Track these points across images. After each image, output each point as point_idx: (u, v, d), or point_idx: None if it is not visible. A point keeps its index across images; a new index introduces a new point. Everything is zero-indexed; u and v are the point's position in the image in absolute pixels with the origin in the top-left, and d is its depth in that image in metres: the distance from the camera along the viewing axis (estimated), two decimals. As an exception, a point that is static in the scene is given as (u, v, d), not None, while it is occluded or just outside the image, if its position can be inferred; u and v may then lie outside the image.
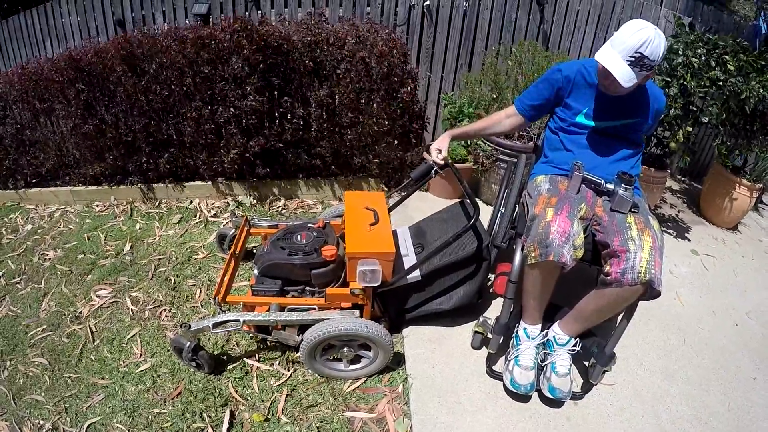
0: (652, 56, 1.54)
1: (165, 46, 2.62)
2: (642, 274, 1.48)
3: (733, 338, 2.20)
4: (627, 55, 1.56)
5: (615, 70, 1.58)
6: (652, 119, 1.83)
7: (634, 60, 1.56)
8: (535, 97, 1.94)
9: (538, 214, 1.63)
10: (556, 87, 1.87)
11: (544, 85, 1.91)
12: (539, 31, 3.40)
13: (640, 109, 1.80)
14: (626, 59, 1.57)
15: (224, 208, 3.04)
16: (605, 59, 1.60)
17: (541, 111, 1.99)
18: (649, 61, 1.55)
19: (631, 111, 1.79)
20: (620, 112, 1.79)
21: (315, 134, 2.87)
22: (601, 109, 1.80)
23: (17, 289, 2.51)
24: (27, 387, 1.93)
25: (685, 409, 1.79)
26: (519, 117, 2.00)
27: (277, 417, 1.72)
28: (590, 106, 1.82)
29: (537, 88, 1.94)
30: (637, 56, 1.55)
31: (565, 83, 1.84)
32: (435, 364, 1.87)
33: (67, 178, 3.27)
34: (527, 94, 1.98)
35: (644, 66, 1.56)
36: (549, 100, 1.92)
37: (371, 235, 1.78)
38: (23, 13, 4.15)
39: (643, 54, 1.54)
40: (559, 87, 1.87)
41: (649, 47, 1.53)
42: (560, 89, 1.87)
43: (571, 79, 1.82)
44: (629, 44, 1.55)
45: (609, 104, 1.78)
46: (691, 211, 3.41)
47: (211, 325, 1.72)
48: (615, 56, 1.58)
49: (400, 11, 3.26)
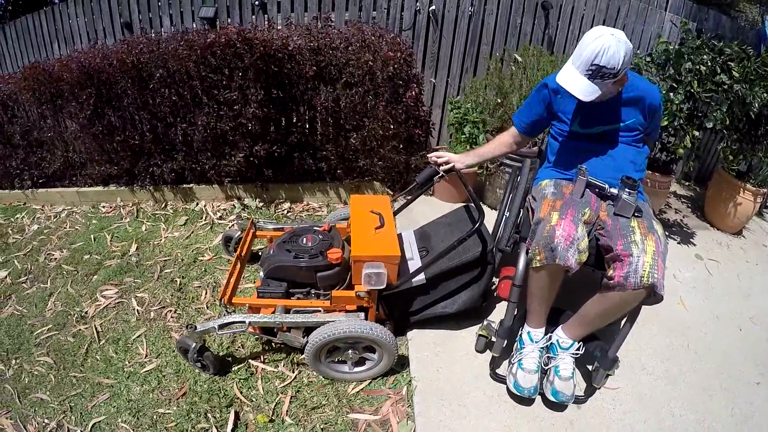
0: (609, 65, 1.53)
1: (171, 53, 2.64)
2: (645, 278, 1.49)
3: (736, 343, 2.20)
4: (584, 70, 1.57)
5: (573, 89, 1.60)
6: (646, 116, 1.80)
7: (592, 72, 1.56)
8: (529, 114, 1.99)
9: (543, 218, 1.64)
10: (546, 102, 1.91)
11: (534, 101, 1.95)
12: (544, 35, 3.41)
13: (630, 110, 1.78)
14: (584, 73, 1.58)
15: (230, 211, 3.06)
16: (562, 79, 1.63)
17: (538, 126, 2.02)
18: (608, 70, 1.55)
19: (621, 113, 1.79)
20: (611, 115, 1.79)
21: (320, 138, 2.89)
22: (592, 116, 1.81)
23: (23, 288, 2.52)
24: (32, 386, 1.95)
25: (688, 414, 1.79)
26: (521, 135, 2.05)
27: (282, 418, 1.72)
28: (581, 114, 1.83)
29: (529, 105, 1.99)
30: (594, 68, 1.55)
31: (553, 96, 1.87)
32: (439, 367, 1.88)
33: (73, 179, 3.30)
34: (521, 112, 2.03)
35: (604, 76, 1.56)
36: (542, 116, 1.96)
37: (377, 239, 1.80)
38: (30, 15, 4.19)
39: (599, 65, 1.54)
40: (548, 102, 1.90)
41: (605, 57, 1.52)
42: (550, 103, 1.90)
43: (558, 90, 1.84)
44: (584, 58, 1.56)
45: (597, 110, 1.79)
46: (696, 216, 3.41)
47: (217, 326, 1.73)
48: (573, 73, 1.60)
49: (406, 16, 3.27)
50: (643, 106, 1.78)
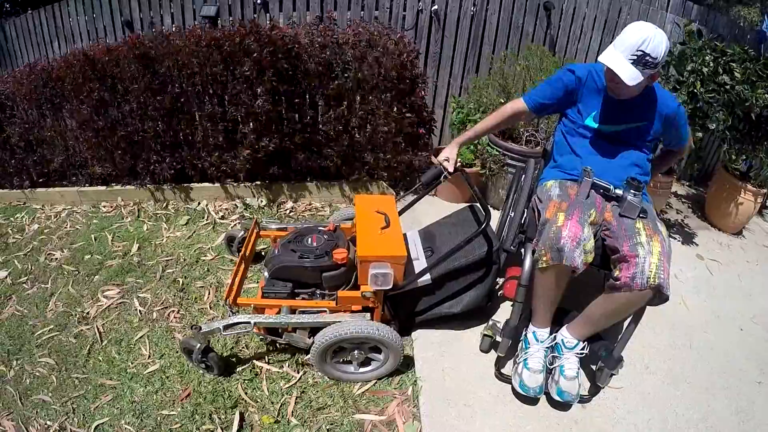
0: (654, 53, 1.56)
1: (178, 46, 2.64)
2: (652, 278, 1.50)
3: (738, 343, 2.21)
4: (629, 54, 1.59)
5: (619, 69, 1.60)
6: (659, 124, 1.83)
7: (636, 58, 1.58)
8: (548, 95, 1.92)
9: (549, 219, 1.64)
10: (570, 88, 1.88)
11: (558, 84, 1.90)
12: (546, 36, 3.42)
13: (647, 114, 1.80)
14: (629, 58, 1.59)
15: (232, 210, 3.05)
16: (609, 60, 1.62)
17: (549, 109, 1.98)
18: (651, 59, 1.57)
19: (638, 115, 1.80)
20: (627, 115, 1.80)
21: (325, 135, 2.89)
22: (609, 112, 1.82)
23: (24, 288, 2.51)
24: (34, 387, 1.93)
25: (692, 413, 1.80)
26: (527, 110, 1.97)
27: (287, 419, 1.72)
28: (599, 109, 1.84)
29: (550, 86, 1.92)
30: (639, 54, 1.57)
31: (577, 84, 1.86)
32: (444, 367, 1.88)
33: (74, 179, 3.28)
34: (538, 91, 1.95)
35: (647, 64, 1.58)
36: (559, 99, 1.92)
37: (383, 239, 1.79)
38: (31, 14, 4.17)
39: (644, 51, 1.56)
40: (572, 89, 1.88)
41: (650, 44, 1.55)
42: (572, 91, 1.88)
43: (582, 81, 1.84)
44: (630, 43, 1.58)
45: (617, 108, 1.80)
46: (697, 216, 3.42)
47: (221, 327, 1.72)
48: (618, 56, 1.61)
49: (408, 15, 3.27)
50: (659, 113, 1.80)
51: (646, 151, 1.87)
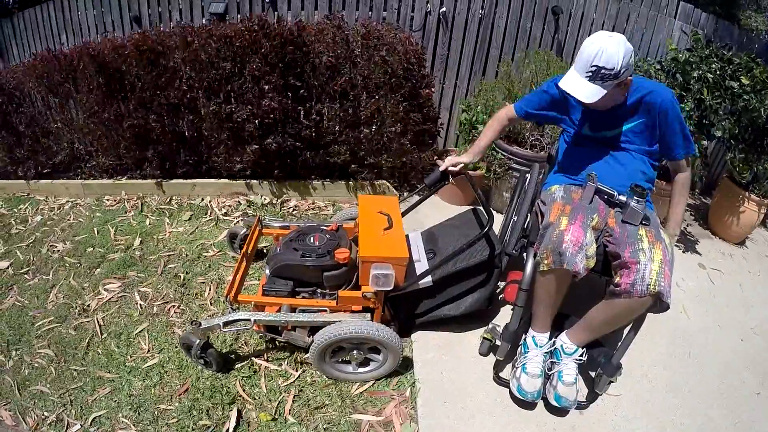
0: (608, 65, 1.55)
1: (185, 42, 2.64)
2: (652, 286, 1.49)
3: (738, 353, 2.20)
4: (584, 72, 1.59)
5: (574, 91, 1.62)
6: (655, 119, 1.73)
7: (592, 74, 1.58)
8: (534, 105, 1.99)
9: (552, 222, 1.64)
10: (556, 99, 1.91)
11: (544, 96, 1.96)
12: (554, 40, 3.41)
13: (639, 110, 1.76)
14: (585, 76, 1.59)
15: (235, 207, 3.05)
16: (565, 83, 1.65)
17: (537, 117, 2.03)
18: (607, 71, 1.56)
19: (631, 115, 1.78)
20: (620, 119, 1.79)
21: (332, 134, 2.88)
22: (601, 120, 1.82)
23: (25, 279, 2.52)
24: (32, 378, 1.94)
25: (690, 423, 1.79)
26: (515, 115, 2.05)
27: (285, 417, 1.72)
28: (590, 118, 1.84)
29: (537, 96, 1.99)
30: (593, 69, 1.57)
31: (562, 96, 1.86)
32: (443, 370, 1.88)
33: (78, 171, 3.29)
34: (526, 99, 2.03)
35: (605, 77, 1.57)
36: (546, 109, 1.97)
37: (385, 240, 1.79)
38: (39, 6, 4.18)
39: (598, 66, 1.56)
40: (557, 100, 1.91)
41: (603, 57, 1.54)
42: (559, 102, 1.91)
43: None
44: (583, 60, 1.58)
45: (608, 114, 1.79)
46: (699, 225, 3.41)
47: (221, 323, 1.72)
48: (575, 76, 1.62)
49: (416, 17, 3.27)
50: (649, 107, 1.73)
51: (653, 158, 1.85)
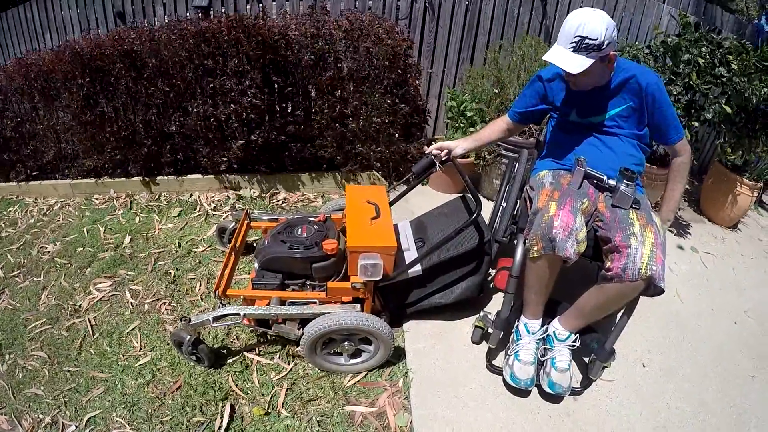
0: (592, 35, 1.54)
1: (165, 41, 2.60)
2: (643, 269, 1.48)
3: (731, 336, 2.20)
4: (568, 44, 1.59)
5: (560, 62, 1.61)
6: (641, 102, 1.72)
7: (575, 44, 1.58)
8: (523, 104, 2.01)
9: (541, 208, 1.62)
10: (541, 94, 1.93)
11: (529, 92, 1.97)
12: (542, 26, 3.39)
13: (622, 96, 1.75)
14: (568, 47, 1.59)
15: (224, 202, 3.03)
16: (551, 55, 1.64)
17: (530, 116, 2.04)
18: (591, 41, 1.55)
19: (617, 99, 1.76)
20: (606, 103, 1.78)
21: (317, 126, 2.86)
22: (588, 105, 1.81)
23: (16, 282, 2.50)
24: (26, 381, 1.93)
25: (684, 406, 1.79)
26: (513, 123, 2.08)
27: (278, 411, 1.72)
28: (577, 103, 1.83)
29: (523, 97, 2.01)
30: (577, 40, 1.57)
31: (547, 86, 1.89)
32: (435, 359, 1.87)
33: (66, 172, 3.26)
34: (516, 103, 2.05)
35: (589, 47, 1.57)
36: (535, 107, 1.97)
37: (373, 229, 1.78)
38: (22, 6, 4.12)
39: (582, 36, 1.55)
40: (543, 93, 1.92)
41: (586, 28, 1.54)
42: (545, 95, 1.92)
43: (552, 80, 1.86)
44: (567, 32, 1.58)
45: (594, 99, 1.78)
46: (692, 209, 3.41)
47: (211, 318, 1.71)
48: (558, 49, 1.62)
49: (402, 5, 3.24)
50: (635, 89, 1.72)
51: (642, 141, 1.83)
